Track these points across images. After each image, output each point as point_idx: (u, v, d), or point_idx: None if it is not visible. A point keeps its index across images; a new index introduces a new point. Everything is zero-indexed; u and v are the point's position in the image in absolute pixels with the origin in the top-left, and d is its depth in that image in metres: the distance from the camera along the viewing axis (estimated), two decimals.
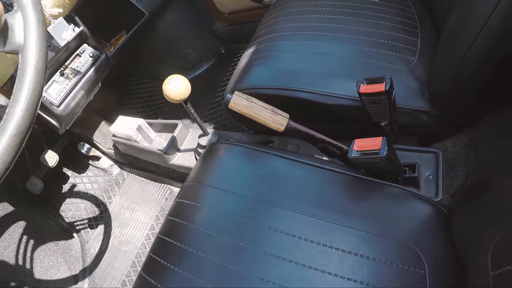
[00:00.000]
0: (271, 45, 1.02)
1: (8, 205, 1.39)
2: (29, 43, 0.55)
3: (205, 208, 0.74)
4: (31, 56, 0.55)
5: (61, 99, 1.19)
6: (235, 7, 1.80)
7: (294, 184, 0.72)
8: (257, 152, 0.80)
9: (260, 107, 0.75)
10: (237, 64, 1.22)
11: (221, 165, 0.83)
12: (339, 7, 1.05)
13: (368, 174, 0.69)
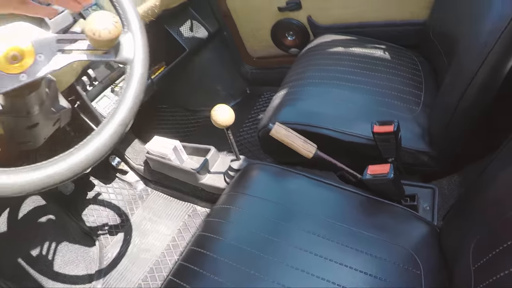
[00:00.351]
0: (301, 90, 1.25)
1: (40, 198, 1.56)
2: (136, 59, 0.71)
3: (236, 224, 0.92)
4: (136, 69, 0.71)
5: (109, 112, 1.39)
6: (264, 53, 2.06)
7: (317, 201, 0.92)
8: (288, 172, 1.00)
9: (295, 136, 0.97)
10: (261, 105, 1.45)
11: (255, 182, 1.03)
12: (358, 62, 1.29)
13: (377, 195, 0.90)
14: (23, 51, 0.62)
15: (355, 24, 1.66)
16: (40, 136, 1.09)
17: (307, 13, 1.75)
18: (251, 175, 1.04)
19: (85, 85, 1.33)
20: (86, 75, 1.34)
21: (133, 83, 0.70)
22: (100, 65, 1.39)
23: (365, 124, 1.04)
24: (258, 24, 1.93)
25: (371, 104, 1.14)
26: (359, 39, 1.49)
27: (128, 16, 0.74)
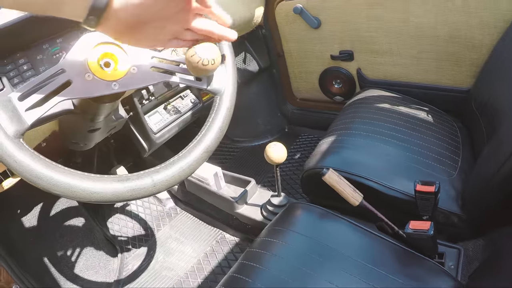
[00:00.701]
0: (348, 139, 1.38)
1: (74, 201, 1.69)
2: (226, 92, 0.81)
3: (279, 257, 1.01)
4: (225, 101, 0.80)
5: (159, 128, 1.50)
6: (308, 96, 2.22)
7: (357, 245, 1.03)
8: (331, 214, 1.13)
9: (346, 184, 1.11)
10: (298, 145, 1.59)
11: (300, 220, 1.14)
12: (402, 121, 1.42)
13: (412, 248, 1.04)
14: (117, 60, 0.68)
15: (400, 83, 1.81)
16: (94, 140, 1.21)
17: (357, 65, 1.91)
18: (296, 213, 1.15)
19: (142, 98, 1.44)
20: (145, 88, 1.45)
21: (220, 115, 0.79)
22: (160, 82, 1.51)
23: (405, 181, 1.18)
24: (308, 67, 2.09)
25: (413, 163, 1.25)
26: (404, 98, 1.63)
27: (224, 50, 0.83)
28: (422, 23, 1.59)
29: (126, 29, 0.54)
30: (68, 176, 0.59)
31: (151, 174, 0.66)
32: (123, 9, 0.51)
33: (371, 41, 1.79)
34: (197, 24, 0.62)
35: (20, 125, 0.59)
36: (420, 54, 1.68)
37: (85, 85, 0.65)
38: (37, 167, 0.58)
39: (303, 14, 1.89)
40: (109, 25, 0.52)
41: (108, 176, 0.63)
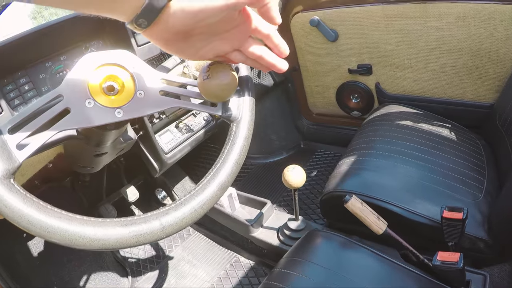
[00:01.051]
0: (368, 160, 1.34)
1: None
2: (244, 120, 0.72)
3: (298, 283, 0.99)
4: (242, 130, 0.72)
5: (170, 148, 1.45)
6: (324, 111, 2.19)
7: (381, 277, 0.99)
8: (353, 243, 1.09)
9: (369, 211, 1.06)
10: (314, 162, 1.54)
11: (319, 250, 1.09)
12: (424, 139, 1.38)
13: (438, 279, 0.99)
14: (122, 83, 0.62)
15: (421, 98, 1.77)
16: (101, 163, 1.18)
17: (376, 79, 1.87)
18: (315, 242, 1.11)
19: (153, 116, 1.39)
20: None
21: (236, 146, 0.71)
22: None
23: (430, 205, 1.14)
24: (325, 81, 2.06)
25: (437, 185, 1.21)
26: (425, 114, 1.59)
27: (242, 72, 0.76)
28: (444, 36, 1.55)
29: (173, 36, 0.51)
30: (65, 221, 0.53)
31: (159, 216, 0.60)
32: (177, 15, 0.48)
33: (391, 55, 1.75)
34: (250, 46, 0.58)
35: (9, 163, 0.53)
36: (441, 68, 1.64)
37: (86, 113, 0.60)
38: (30, 211, 0.52)
39: (320, 26, 1.86)
40: (156, 30, 0.50)
41: (111, 220, 0.57)
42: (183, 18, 0.48)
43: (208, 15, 0.48)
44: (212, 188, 0.65)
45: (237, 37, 0.56)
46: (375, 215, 1.06)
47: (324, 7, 1.83)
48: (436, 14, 1.52)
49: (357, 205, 1.05)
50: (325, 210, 1.37)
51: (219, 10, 0.47)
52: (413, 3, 1.55)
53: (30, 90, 0.90)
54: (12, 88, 0.87)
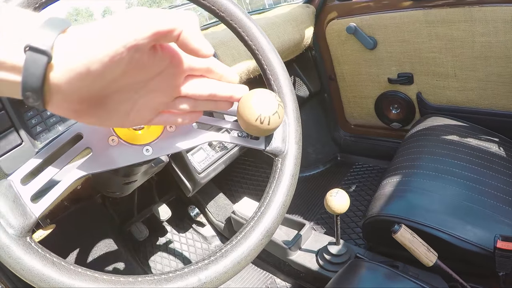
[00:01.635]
0: (414, 181, 1.27)
1: (113, 242, 1.64)
2: (290, 154, 0.64)
3: None
4: (289, 166, 0.64)
5: (204, 167, 1.41)
6: (363, 122, 2.13)
7: None
8: (398, 275, 1.02)
9: (419, 243, 1.01)
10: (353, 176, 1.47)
11: (363, 282, 1.03)
12: (474, 157, 1.31)
13: None
14: None
15: (466, 109, 1.69)
16: (132, 188, 1.16)
17: (417, 89, 1.80)
18: (358, 273, 1.06)
19: None
20: None
21: (282, 186, 0.63)
22: (204, 115, 1.42)
23: (481, 231, 1.06)
24: (363, 91, 2.00)
25: (489, 209, 1.13)
26: (471, 127, 1.52)
27: (287, 100, 0.69)
28: (490, 43, 1.48)
29: (80, 105, 0.39)
30: (91, 282, 0.47)
31: (197, 272, 0.52)
32: (68, 77, 0.36)
33: (433, 63, 1.68)
34: (193, 88, 0.47)
35: (24, 220, 0.48)
36: (488, 76, 1.56)
37: (109, 154, 0.55)
38: (51, 273, 0.46)
39: (357, 33, 1.80)
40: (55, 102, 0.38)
41: (143, 279, 0.50)
42: (75, 78, 0.36)
43: (104, 67, 0.36)
44: (256, 236, 0.58)
45: (169, 83, 0.45)
46: (425, 246, 1.01)
47: (361, 13, 1.77)
48: (482, 19, 1.44)
49: (406, 236, 1.01)
50: (368, 233, 1.32)
51: (116, 58, 0.36)
52: (456, 7, 1.48)
53: (53, 116, 0.84)
54: (33, 114, 0.81)
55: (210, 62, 0.46)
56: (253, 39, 0.71)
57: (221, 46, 1.43)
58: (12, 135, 0.78)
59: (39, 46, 0.33)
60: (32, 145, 0.80)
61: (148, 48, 0.38)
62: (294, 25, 1.83)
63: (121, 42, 0.35)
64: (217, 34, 1.51)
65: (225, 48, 1.45)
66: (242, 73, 1.48)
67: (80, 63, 0.35)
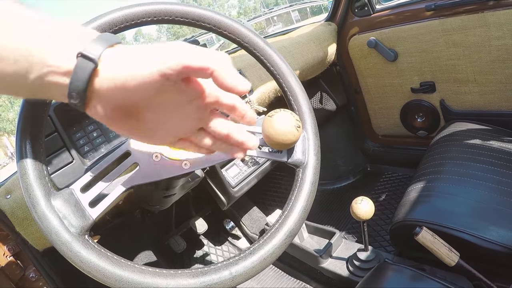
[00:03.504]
0: (438, 186, 1.26)
1: (152, 254, 1.68)
2: (310, 164, 0.72)
3: None
4: (309, 175, 0.71)
5: (237, 182, 1.44)
6: (389, 132, 2.11)
7: None
8: (424, 277, 1.01)
9: (441, 244, 1.00)
10: (382, 185, 1.50)
11: (389, 284, 1.03)
12: (497, 159, 1.28)
13: None
14: None
15: (489, 112, 1.67)
16: (170, 202, 1.20)
17: (440, 96, 1.78)
18: (386, 275, 1.06)
19: None
20: None
21: (303, 192, 0.70)
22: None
23: (504, 231, 1.04)
24: (388, 102, 2.00)
25: (510, 208, 1.11)
26: (495, 130, 1.49)
27: (305, 117, 0.77)
28: (507, 45, 1.46)
29: (114, 113, 0.43)
30: (138, 274, 0.55)
31: (229, 266, 0.59)
32: (108, 85, 0.40)
33: (453, 70, 1.67)
34: (214, 124, 0.49)
35: (84, 221, 0.56)
36: (507, 79, 1.54)
37: (153, 168, 0.63)
38: (105, 265, 0.54)
39: (378, 47, 1.81)
40: (94, 106, 0.42)
41: (182, 271, 0.57)
42: (113, 88, 0.39)
43: (138, 85, 0.39)
44: (281, 236, 0.65)
45: (196, 114, 0.47)
46: (447, 247, 1.00)
47: (380, 27, 1.78)
48: (496, 22, 1.43)
49: (428, 238, 1.01)
50: (395, 239, 1.30)
51: (149, 80, 0.39)
52: (470, 14, 1.47)
53: (99, 137, 0.94)
54: (81, 136, 0.91)
55: (236, 100, 0.47)
56: (274, 65, 0.81)
57: (249, 68, 1.49)
58: (64, 154, 0.87)
59: (89, 54, 0.38)
60: (81, 162, 0.88)
61: (180, 79, 0.41)
62: (317, 43, 1.85)
63: (156, 68, 0.38)
64: (244, 57, 1.55)
65: (253, 70, 1.50)
66: (270, 92, 1.52)
67: (120, 76, 0.39)
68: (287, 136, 0.62)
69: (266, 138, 0.64)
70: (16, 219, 0.97)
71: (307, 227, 1.58)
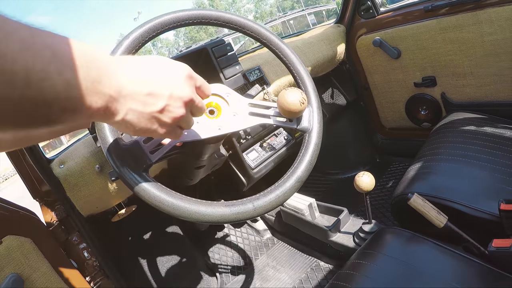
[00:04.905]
0: (434, 165, 1.37)
1: (179, 229, 1.84)
2: (314, 130, 0.86)
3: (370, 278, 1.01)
4: (313, 138, 0.84)
5: (256, 164, 1.60)
6: (396, 125, 2.22)
7: (444, 266, 1.01)
8: (419, 237, 1.11)
9: (430, 207, 1.10)
10: (390, 174, 1.64)
11: (389, 243, 1.14)
12: (488, 142, 1.38)
13: (498, 267, 1.00)
14: (220, 108, 0.78)
15: (485, 103, 1.77)
16: (199, 176, 1.33)
17: (441, 89, 1.89)
18: (385, 237, 1.17)
19: (240, 137, 1.56)
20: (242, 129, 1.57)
21: (309, 151, 0.83)
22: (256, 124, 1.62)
23: (490, 201, 1.14)
24: (393, 97, 2.11)
25: (498, 183, 1.22)
26: (490, 118, 1.58)
27: (310, 94, 0.93)
28: (498, 40, 1.57)
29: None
30: (186, 202, 0.69)
31: (252, 200, 0.73)
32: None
33: (452, 64, 1.78)
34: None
35: (146, 162, 0.71)
36: (501, 71, 1.64)
37: (195, 129, 0.75)
38: (161, 195, 0.68)
39: (383, 45, 1.93)
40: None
41: (217, 202, 0.71)
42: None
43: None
44: (291, 181, 0.78)
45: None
46: (436, 210, 1.10)
47: (384, 28, 1.90)
48: (487, 20, 1.54)
49: (418, 202, 1.11)
50: (396, 213, 1.41)
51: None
52: (464, 13, 1.59)
53: None
54: None
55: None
56: (286, 56, 0.98)
57: (266, 65, 1.65)
58: None
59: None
60: None
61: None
62: (327, 43, 1.99)
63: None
64: (262, 55, 1.71)
65: (270, 66, 1.66)
66: (284, 85, 1.67)
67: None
68: (295, 105, 0.75)
69: (280, 108, 0.77)
70: (68, 185, 1.13)
71: (318, 207, 1.69)
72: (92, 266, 1.23)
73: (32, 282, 1.03)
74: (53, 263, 1.09)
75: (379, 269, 1.04)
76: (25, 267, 1.02)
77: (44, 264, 1.07)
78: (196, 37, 54.38)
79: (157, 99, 0.52)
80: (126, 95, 0.48)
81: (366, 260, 1.08)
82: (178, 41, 60.00)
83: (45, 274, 1.06)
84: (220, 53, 1.37)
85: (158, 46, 59.86)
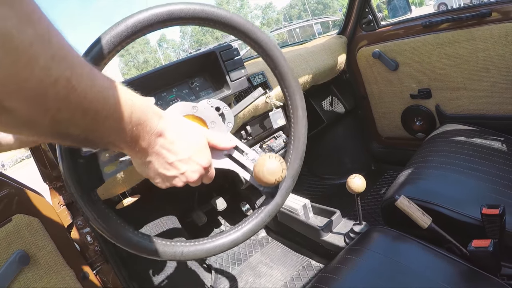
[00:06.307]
0: (423, 171, 1.41)
1: (177, 221, 1.86)
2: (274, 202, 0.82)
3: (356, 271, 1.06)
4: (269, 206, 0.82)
5: None
6: (392, 134, 2.26)
7: (427, 264, 1.04)
8: (405, 237, 1.14)
9: (416, 208, 1.14)
10: (383, 181, 1.68)
11: (376, 241, 1.18)
12: (476, 152, 1.42)
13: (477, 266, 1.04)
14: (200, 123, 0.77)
15: (477, 115, 1.81)
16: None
17: (436, 101, 1.93)
18: (373, 235, 1.20)
19: (241, 137, 1.60)
20: (244, 129, 1.61)
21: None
22: (256, 124, 1.67)
23: (474, 206, 1.18)
24: (390, 107, 2.15)
25: (483, 190, 1.25)
26: (480, 130, 1.62)
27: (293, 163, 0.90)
28: (491, 56, 1.61)
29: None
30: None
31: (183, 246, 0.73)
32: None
33: (446, 78, 1.82)
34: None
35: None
36: (493, 86, 1.69)
37: None
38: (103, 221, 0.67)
39: (382, 57, 1.98)
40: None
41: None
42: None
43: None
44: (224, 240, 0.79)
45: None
46: (421, 212, 1.14)
47: (384, 40, 1.95)
48: (481, 37, 1.58)
49: (404, 203, 1.15)
50: (386, 216, 1.44)
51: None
52: (459, 29, 1.63)
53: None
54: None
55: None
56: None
57: (269, 71, 1.69)
58: None
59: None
60: None
61: None
62: (329, 53, 2.03)
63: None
64: None
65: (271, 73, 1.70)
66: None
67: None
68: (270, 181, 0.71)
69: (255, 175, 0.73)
70: None
71: (312, 208, 1.73)
72: (94, 250, 1.26)
73: (37, 259, 1.06)
74: (58, 244, 1.12)
75: (365, 263, 1.08)
76: (32, 245, 1.06)
77: (50, 244, 1.10)
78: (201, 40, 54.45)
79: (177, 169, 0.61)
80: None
81: (353, 255, 1.12)
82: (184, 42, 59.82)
83: (50, 253, 1.09)
84: (227, 57, 1.40)
85: (164, 47, 59.61)
